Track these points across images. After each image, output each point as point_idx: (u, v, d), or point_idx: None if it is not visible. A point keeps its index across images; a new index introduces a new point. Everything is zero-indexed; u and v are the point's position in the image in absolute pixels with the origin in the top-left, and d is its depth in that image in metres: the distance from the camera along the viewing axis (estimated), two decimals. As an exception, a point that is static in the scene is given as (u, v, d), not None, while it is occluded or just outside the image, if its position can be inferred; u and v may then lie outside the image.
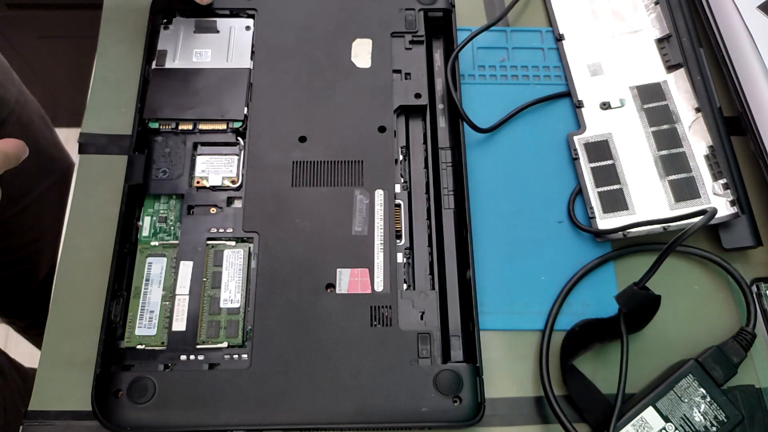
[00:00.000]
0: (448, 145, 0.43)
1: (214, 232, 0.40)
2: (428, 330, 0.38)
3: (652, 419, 0.36)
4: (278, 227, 0.40)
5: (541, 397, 0.39)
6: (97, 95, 0.46)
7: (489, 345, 0.40)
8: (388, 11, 0.46)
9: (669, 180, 0.43)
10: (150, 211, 0.41)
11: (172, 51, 0.45)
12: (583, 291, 0.42)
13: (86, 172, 0.44)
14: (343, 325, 0.38)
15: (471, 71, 0.47)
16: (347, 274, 0.39)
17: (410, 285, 0.40)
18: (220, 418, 0.35)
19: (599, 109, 0.46)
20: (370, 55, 0.45)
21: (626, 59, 0.47)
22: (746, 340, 0.38)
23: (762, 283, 0.41)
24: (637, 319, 0.39)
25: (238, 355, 0.37)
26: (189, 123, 0.43)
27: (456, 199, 0.42)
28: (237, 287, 0.39)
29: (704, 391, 0.36)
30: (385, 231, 0.40)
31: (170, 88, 0.43)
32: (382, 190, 0.41)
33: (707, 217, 0.35)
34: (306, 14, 0.46)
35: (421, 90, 0.44)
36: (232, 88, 0.44)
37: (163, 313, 0.38)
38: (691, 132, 0.44)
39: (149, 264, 0.39)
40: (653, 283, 0.36)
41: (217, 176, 0.42)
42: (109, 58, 0.47)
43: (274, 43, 0.45)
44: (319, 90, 0.44)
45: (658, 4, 0.47)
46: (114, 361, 0.37)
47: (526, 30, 0.49)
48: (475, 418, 0.36)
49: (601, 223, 0.42)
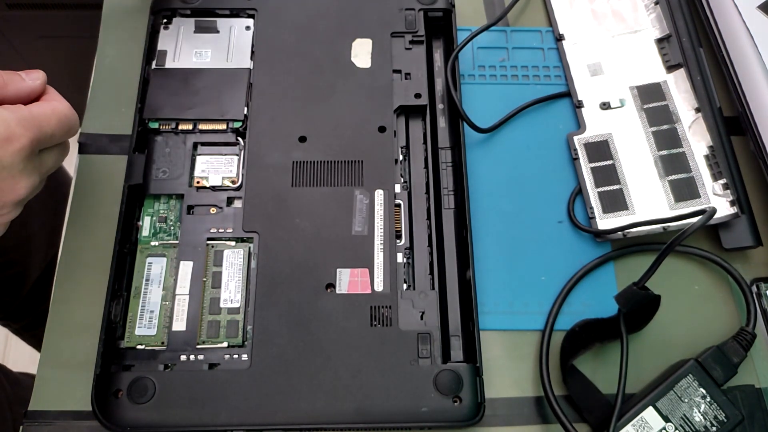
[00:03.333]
0: (448, 145, 0.43)
1: (214, 232, 0.40)
2: (428, 330, 0.38)
3: (652, 419, 0.36)
4: (278, 227, 0.40)
5: (541, 397, 0.39)
6: (97, 95, 0.46)
7: (489, 345, 0.40)
8: (388, 11, 0.46)
9: (669, 180, 0.43)
10: (150, 211, 0.41)
11: (172, 51, 0.45)
12: (583, 291, 0.42)
13: (86, 172, 0.44)
14: (343, 325, 0.38)
15: (471, 71, 0.48)
16: (347, 274, 0.39)
17: (410, 285, 0.40)
18: (220, 418, 0.35)
19: (599, 109, 0.46)
20: (370, 55, 0.45)
21: (626, 59, 0.47)
22: (746, 340, 0.38)
23: (762, 283, 0.41)
24: (637, 319, 0.39)
25: (238, 355, 0.37)
26: (189, 123, 0.43)
27: (456, 199, 0.42)
28: (237, 287, 0.39)
29: (704, 391, 0.36)
30: (385, 231, 0.40)
31: (170, 88, 0.43)
32: (382, 190, 0.41)
33: (706, 217, 0.35)
34: (306, 14, 0.46)
35: (421, 90, 0.44)
36: (232, 88, 0.44)
37: (163, 313, 0.38)
38: (691, 132, 0.44)
39: (149, 264, 0.39)
40: (653, 283, 0.36)
41: (217, 176, 0.42)
42: (109, 58, 0.47)
43: (274, 43, 0.45)
44: (319, 90, 0.44)
45: (658, 4, 0.47)
46: (114, 361, 0.37)
47: (526, 30, 0.49)
48: (475, 418, 0.36)
49: (601, 223, 0.42)
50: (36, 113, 0.33)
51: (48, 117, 0.33)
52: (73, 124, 0.36)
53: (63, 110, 0.35)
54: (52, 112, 0.34)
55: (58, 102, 0.35)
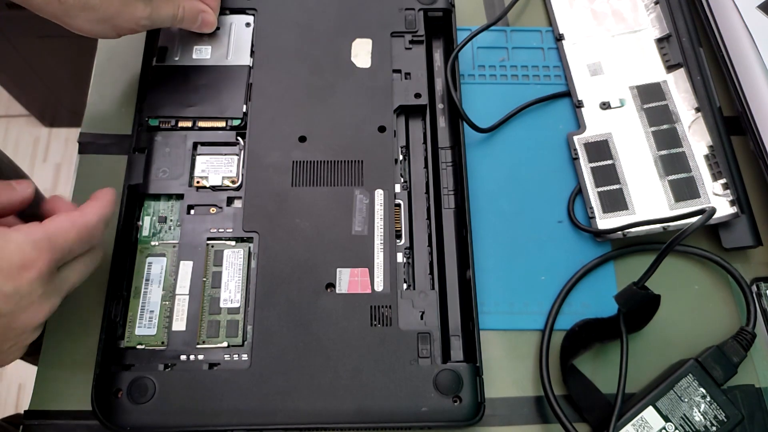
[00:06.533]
0: (448, 145, 0.43)
1: (214, 232, 0.40)
2: (428, 330, 0.38)
3: (652, 419, 0.36)
4: (278, 227, 0.40)
5: (541, 397, 0.39)
6: (97, 95, 0.46)
7: (489, 345, 0.40)
8: (388, 11, 0.46)
9: (669, 180, 0.43)
10: (150, 211, 0.41)
11: (173, 47, 0.45)
12: (583, 291, 0.42)
13: (86, 172, 0.44)
14: (343, 325, 0.38)
15: (471, 71, 0.48)
16: (347, 274, 0.39)
17: (410, 285, 0.40)
18: (220, 418, 0.35)
19: (599, 109, 0.46)
20: (370, 54, 0.45)
21: (626, 59, 0.47)
22: (746, 339, 0.38)
23: (762, 283, 0.41)
24: (637, 319, 0.39)
25: (238, 355, 0.37)
26: (188, 120, 0.43)
27: (456, 199, 0.42)
28: (237, 287, 0.39)
29: (704, 390, 0.36)
30: (385, 231, 0.40)
31: (170, 85, 0.43)
32: (382, 190, 0.41)
33: (705, 217, 0.35)
34: (306, 14, 0.46)
35: (421, 90, 0.44)
36: (231, 86, 0.44)
37: (163, 313, 0.38)
38: (690, 132, 0.44)
39: (149, 264, 0.39)
40: (653, 282, 0.36)
41: (217, 176, 0.42)
42: (109, 57, 0.47)
43: (274, 42, 0.45)
44: (319, 90, 0.44)
45: (658, 4, 0.47)
46: (114, 361, 0.37)
47: (526, 30, 0.49)
48: (475, 418, 0.36)
49: (601, 223, 0.42)
50: (52, 231, 0.30)
51: (66, 231, 0.31)
52: (94, 233, 0.33)
53: (82, 221, 0.32)
54: (71, 226, 0.31)
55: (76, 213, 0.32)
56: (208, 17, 0.43)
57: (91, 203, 0.33)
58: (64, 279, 0.32)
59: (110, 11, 0.37)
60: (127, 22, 0.39)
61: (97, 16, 0.37)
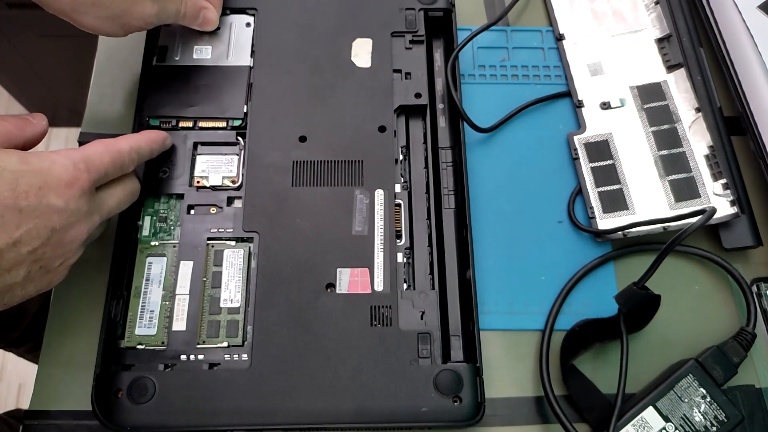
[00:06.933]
0: (449, 145, 0.43)
1: (214, 231, 0.40)
2: (428, 330, 0.38)
3: (652, 419, 0.36)
4: (278, 227, 0.40)
5: (541, 397, 0.39)
6: (97, 95, 0.46)
7: (489, 345, 0.40)
8: (388, 11, 0.46)
9: (669, 180, 0.43)
10: (150, 211, 0.41)
11: (173, 47, 0.45)
12: (583, 291, 0.42)
13: (86, 171, 0.44)
14: (343, 325, 0.38)
15: (471, 71, 0.47)
16: (347, 274, 0.39)
17: (410, 285, 0.40)
18: (220, 418, 0.35)
19: (599, 109, 0.46)
20: (370, 54, 0.45)
21: (626, 59, 0.47)
22: (746, 340, 0.38)
23: (762, 283, 0.41)
24: (637, 319, 0.39)
25: (238, 355, 0.37)
26: (189, 120, 0.43)
27: (456, 199, 0.42)
28: (237, 287, 0.39)
29: (704, 391, 0.36)
30: (385, 231, 0.40)
31: (170, 85, 0.43)
32: (382, 190, 0.41)
33: (705, 217, 0.35)
34: (306, 14, 0.46)
35: (421, 90, 0.44)
36: (231, 86, 0.44)
37: (163, 312, 0.38)
38: (691, 132, 0.44)
39: (149, 264, 0.39)
40: (653, 282, 0.36)
41: (217, 176, 0.42)
42: (109, 57, 0.47)
43: (274, 42, 0.45)
44: (319, 89, 0.44)
45: (658, 4, 0.47)
46: (114, 360, 0.37)
47: (526, 30, 0.49)
48: (475, 418, 0.36)
49: (601, 223, 0.42)
50: (88, 153, 0.34)
51: (101, 155, 0.34)
52: (126, 160, 0.36)
53: (114, 147, 0.35)
54: (105, 150, 0.34)
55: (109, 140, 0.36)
56: (210, 14, 0.43)
57: (126, 135, 0.37)
58: (103, 200, 0.35)
59: (120, 8, 0.37)
60: (136, 19, 0.39)
61: (106, 13, 0.37)
